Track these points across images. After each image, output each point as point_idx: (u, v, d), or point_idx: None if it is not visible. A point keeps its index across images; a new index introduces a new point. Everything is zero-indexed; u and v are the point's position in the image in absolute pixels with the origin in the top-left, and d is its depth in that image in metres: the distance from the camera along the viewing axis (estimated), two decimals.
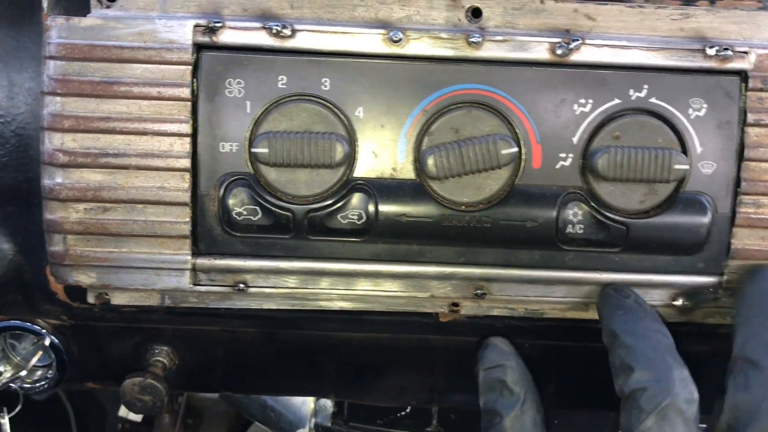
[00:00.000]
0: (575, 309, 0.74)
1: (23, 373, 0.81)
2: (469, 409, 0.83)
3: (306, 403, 1.15)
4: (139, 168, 0.68)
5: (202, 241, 0.71)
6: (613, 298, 0.70)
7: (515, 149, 0.68)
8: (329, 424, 1.14)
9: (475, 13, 0.69)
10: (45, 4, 0.68)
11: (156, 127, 0.67)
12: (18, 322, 0.80)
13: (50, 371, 0.84)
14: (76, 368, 0.84)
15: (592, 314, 0.75)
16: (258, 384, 0.90)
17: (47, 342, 0.81)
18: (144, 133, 0.67)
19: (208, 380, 0.87)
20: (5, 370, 0.83)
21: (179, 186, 0.68)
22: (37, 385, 0.84)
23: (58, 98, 0.67)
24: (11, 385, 0.82)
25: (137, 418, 1.24)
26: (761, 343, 0.64)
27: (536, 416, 0.71)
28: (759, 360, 0.63)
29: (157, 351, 0.84)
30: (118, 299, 0.73)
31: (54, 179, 0.68)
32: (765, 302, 0.67)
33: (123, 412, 1.23)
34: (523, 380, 0.73)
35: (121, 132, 0.67)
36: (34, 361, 0.81)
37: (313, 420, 1.14)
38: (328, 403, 1.15)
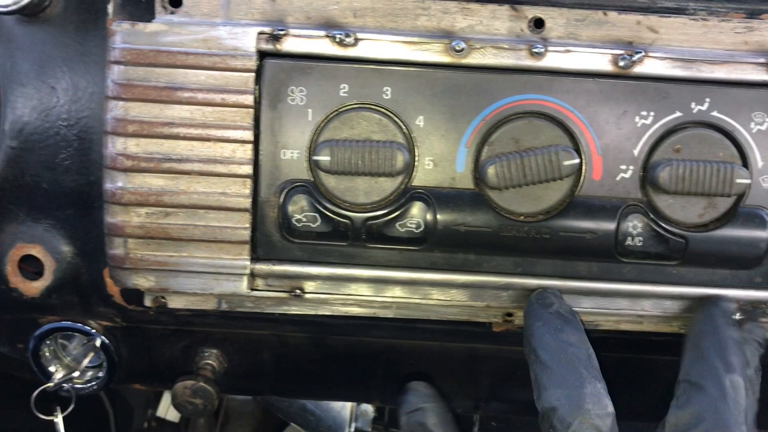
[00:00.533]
0: (630, 321, 0.74)
1: (76, 374, 0.82)
2: (510, 418, 0.83)
3: (346, 408, 1.16)
4: (201, 173, 0.68)
5: (260, 246, 0.71)
6: (535, 307, 0.69)
7: (577, 160, 0.68)
8: (369, 429, 1.14)
9: (538, 23, 0.69)
10: (110, 9, 0.69)
11: (219, 133, 0.68)
12: (70, 323, 0.80)
13: (100, 372, 0.84)
14: (125, 369, 0.84)
15: (646, 326, 0.75)
16: (305, 389, 0.91)
17: (98, 343, 0.81)
18: (207, 139, 0.68)
19: (255, 384, 0.88)
20: (56, 370, 0.83)
21: (240, 192, 0.69)
22: (88, 385, 0.84)
23: (122, 103, 0.67)
24: (64, 385, 0.82)
25: (174, 418, 1.24)
26: (706, 367, 0.65)
27: None
28: (702, 383, 0.64)
29: (206, 354, 0.85)
30: (175, 303, 0.74)
31: (116, 183, 0.68)
32: (713, 329, 0.68)
33: (162, 412, 1.23)
34: (444, 422, 0.74)
35: (184, 138, 0.68)
36: (86, 362, 0.82)
37: (353, 425, 1.14)
38: (369, 408, 1.15)
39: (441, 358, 0.85)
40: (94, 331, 0.81)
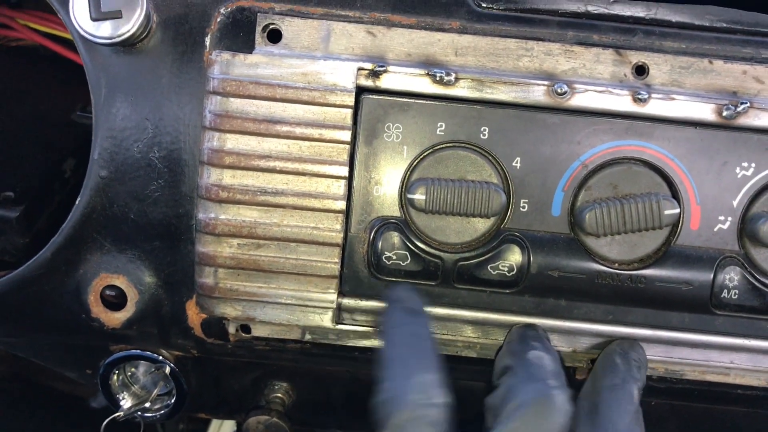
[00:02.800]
0: (716, 373, 0.73)
1: (147, 404, 0.81)
2: None
3: None
4: (295, 207, 0.67)
5: (348, 281, 0.70)
6: (390, 309, 0.66)
7: (678, 210, 0.66)
8: None
9: (641, 70, 0.68)
10: (208, 41, 0.68)
11: (314, 168, 0.67)
12: (140, 352, 0.79)
13: (169, 400, 0.83)
14: (194, 399, 0.83)
15: (733, 378, 0.73)
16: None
17: (167, 371, 0.80)
18: (302, 173, 0.67)
19: (324, 418, 0.87)
20: (125, 399, 0.82)
21: (332, 227, 0.68)
22: (157, 414, 0.83)
23: (219, 134, 0.67)
24: (135, 414, 0.81)
25: None
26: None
27: None
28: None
29: (276, 387, 0.84)
30: (258, 331, 0.73)
31: (209, 213, 0.67)
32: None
33: None
34: None
35: (280, 171, 0.67)
36: (157, 391, 0.81)
37: None
38: None
39: None
40: (162, 359, 0.79)
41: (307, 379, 0.83)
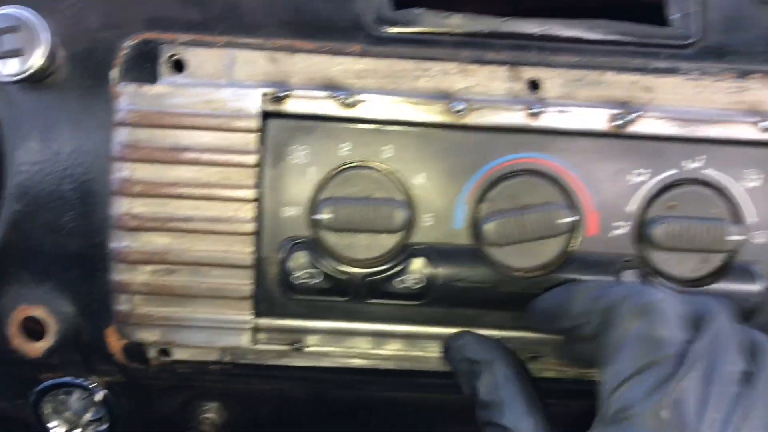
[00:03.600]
0: None
1: (78, 430, 0.82)
2: None
3: None
4: (205, 232, 0.69)
5: (262, 302, 0.72)
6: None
7: (573, 218, 0.69)
8: None
9: (534, 84, 0.70)
10: (114, 74, 0.70)
11: (223, 192, 0.69)
12: (70, 379, 0.80)
13: (101, 426, 0.84)
14: (126, 423, 0.85)
15: None
16: None
17: (99, 397, 0.81)
18: (211, 198, 0.69)
19: None
20: (58, 425, 0.83)
21: (243, 250, 0.69)
22: None
23: (128, 164, 0.68)
24: None
25: None
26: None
27: (507, 371, 0.68)
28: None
29: (206, 408, 0.85)
30: (178, 354, 0.74)
31: (122, 242, 0.69)
32: None
33: None
34: (484, 348, 0.71)
35: (189, 197, 0.69)
36: (88, 416, 0.82)
37: None
38: None
39: (442, 411, 0.85)
40: (94, 385, 0.81)
41: (236, 399, 0.85)
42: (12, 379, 0.81)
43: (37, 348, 0.74)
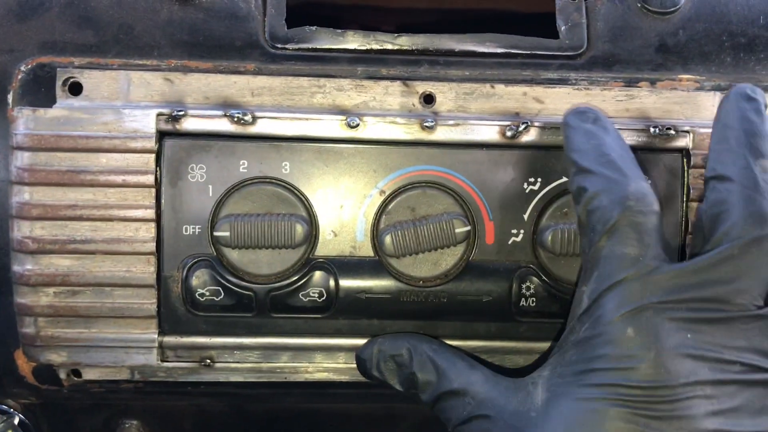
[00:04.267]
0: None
1: None
2: None
3: None
4: (106, 253, 0.70)
5: (166, 321, 0.72)
6: (573, 122, 0.66)
7: (468, 227, 0.70)
8: None
9: (428, 98, 0.72)
10: (10, 98, 0.71)
11: (122, 213, 0.69)
12: None
13: None
14: None
15: None
16: None
17: (16, 421, 0.81)
18: (110, 219, 0.69)
19: None
20: None
21: (145, 269, 0.70)
22: None
23: (26, 187, 0.69)
24: None
25: None
26: (732, 158, 0.61)
27: (433, 345, 0.69)
28: (729, 174, 0.60)
29: (127, 425, 0.85)
30: (89, 374, 0.75)
31: (24, 266, 0.69)
32: (738, 118, 0.63)
33: None
34: (400, 339, 0.71)
35: (88, 219, 0.69)
36: None
37: None
38: None
39: (360, 420, 0.86)
40: (11, 410, 0.81)
41: (156, 416, 0.85)
42: None
43: None
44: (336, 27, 0.74)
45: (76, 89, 0.70)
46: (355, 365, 0.74)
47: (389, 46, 0.73)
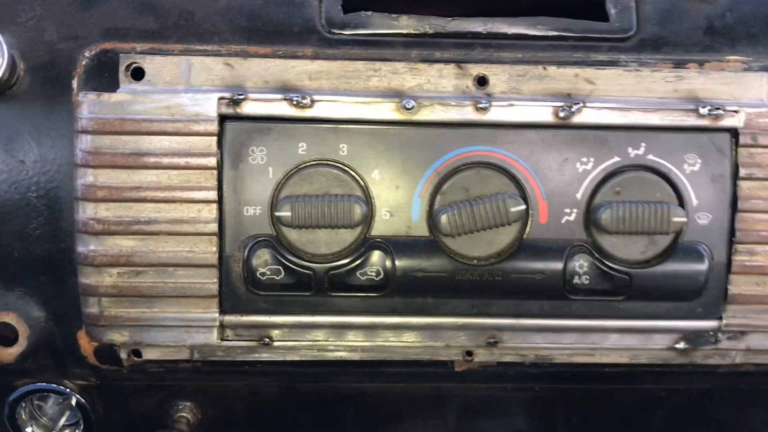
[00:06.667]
0: (582, 354, 0.78)
1: None
2: None
3: None
4: (169, 234, 0.71)
5: (227, 300, 0.74)
6: None
7: (523, 206, 0.72)
8: None
9: (482, 81, 0.73)
10: (75, 83, 0.72)
11: (184, 194, 0.71)
12: (44, 385, 0.82)
13: (77, 429, 0.86)
14: (101, 426, 0.86)
15: (598, 358, 0.78)
16: None
17: (73, 402, 0.83)
18: (173, 200, 0.71)
19: None
20: (34, 431, 0.85)
21: (207, 249, 0.72)
22: None
23: (91, 170, 0.70)
24: None
25: None
26: None
27: None
28: None
29: (180, 407, 0.87)
30: (149, 354, 0.76)
31: (88, 246, 0.71)
32: None
33: None
34: None
35: (152, 200, 0.71)
36: (62, 421, 0.84)
37: None
38: None
39: (408, 399, 0.88)
40: (68, 390, 0.83)
41: (209, 397, 0.87)
42: None
43: (10, 354, 0.75)
44: (392, 12, 0.75)
45: (138, 74, 0.72)
46: (410, 343, 0.76)
47: (443, 30, 0.75)
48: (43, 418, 0.87)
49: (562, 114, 0.72)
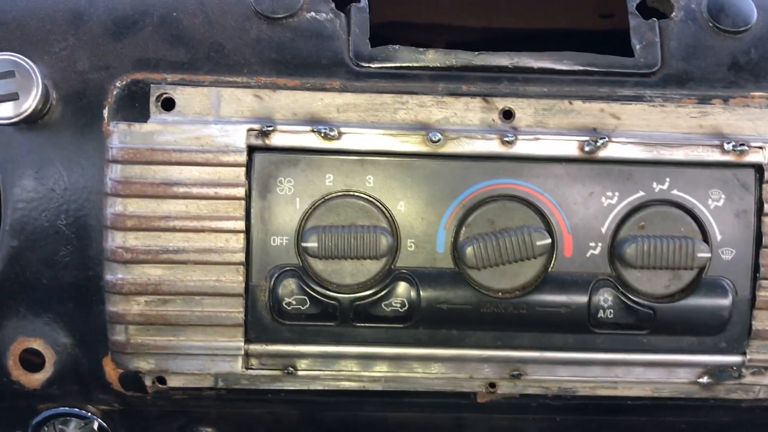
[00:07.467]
0: (605, 387, 0.78)
1: None
2: None
3: None
4: (196, 263, 0.72)
5: (253, 329, 0.75)
6: None
7: (549, 240, 0.72)
8: None
9: (507, 114, 0.74)
10: (106, 113, 0.73)
11: (213, 224, 0.72)
12: (67, 409, 0.83)
13: None
14: None
15: (621, 391, 0.79)
16: None
17: (95, 426, 0.84)
18: (201, 230, 0.72)
19: None
20: None
21: (234, 279, 0.72)
22: None
23: (121, 199, 0.71)
24: None
25: None
26: None
27: None
28: None
29: None
30: (174, 382, 0.77)
31: (116, 274, 0.72)
32: None
33: None
34: None
35: (180, 230, 0.72)
36: None
37: None
38: None
39: (429, 429, 0.88)
40: (90, 415, 0.83)
41: (231, 423, 0.87)
42: (11, 410, 0.83)
43: (36, 379, 0.76)
44: (418, 46, 0.76)
45: (168, 105, 0.73)
46: (431, 374, 0.76)
47: (469, 64, 0.76)
48: None
49: (587, 148, 0.73)
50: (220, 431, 0.88)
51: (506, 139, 0.72)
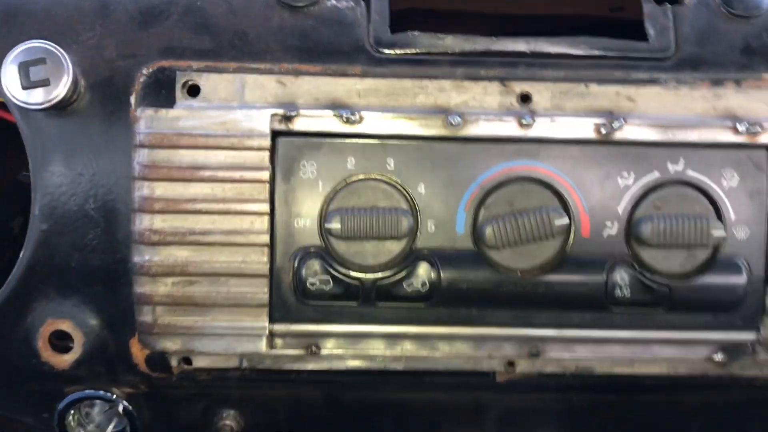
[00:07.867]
0: (622, 365, 0.80)
1: None
2: None
3: None
4: (222, 244, 0.74)
5: (277, 309, 0.76)
6: None
7: (566, 220, 0.74)
8: None
9: (525, 98, 0.76)
10: (133, 99, 0.75)
11: (238, 207, 0.73)
12: (93, 392, 0.84)
13: None
14: None
15: (637, 369, 0.80)
16: None
17: (120, 409, 0.85)
18: (227, 212, 0.73)
19: None
20: None
21: (258, 260, 0.74)
22: None
23: (148, 183, 0.73)
24: None
25: None
26: None
27: None
28: None
29: (224, 414, 0.89)
30: (199, 362, 0.79)
31: (144, 256, 0.74)
32: None
33: None
34: None
35: (206, 212, 0.73)
36: (110, 428, 0.86)
37: None
38: None
39: (447, 409, 0.89)
40: (116, 397, 0.85)
41: (254, 405, 0.89)
42: (38, 393, 0.85)
43: (65, 360, 0.78)
44: (437, 32, 0.78)
45: (194, 91, 0.75)
46: (451, 353, 0.78)
47: (487, 49, 0.77)
48: (90, 425, 0.89)
49: (603, 130, 0.74)
50: (242, 413, 0.89)
51: (524, 121, 0.74)
